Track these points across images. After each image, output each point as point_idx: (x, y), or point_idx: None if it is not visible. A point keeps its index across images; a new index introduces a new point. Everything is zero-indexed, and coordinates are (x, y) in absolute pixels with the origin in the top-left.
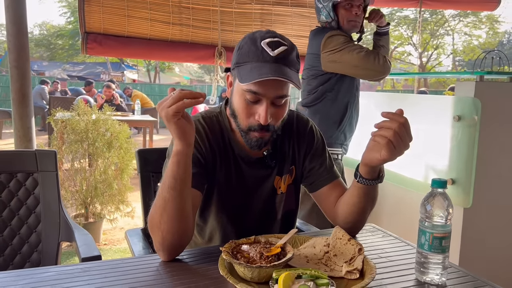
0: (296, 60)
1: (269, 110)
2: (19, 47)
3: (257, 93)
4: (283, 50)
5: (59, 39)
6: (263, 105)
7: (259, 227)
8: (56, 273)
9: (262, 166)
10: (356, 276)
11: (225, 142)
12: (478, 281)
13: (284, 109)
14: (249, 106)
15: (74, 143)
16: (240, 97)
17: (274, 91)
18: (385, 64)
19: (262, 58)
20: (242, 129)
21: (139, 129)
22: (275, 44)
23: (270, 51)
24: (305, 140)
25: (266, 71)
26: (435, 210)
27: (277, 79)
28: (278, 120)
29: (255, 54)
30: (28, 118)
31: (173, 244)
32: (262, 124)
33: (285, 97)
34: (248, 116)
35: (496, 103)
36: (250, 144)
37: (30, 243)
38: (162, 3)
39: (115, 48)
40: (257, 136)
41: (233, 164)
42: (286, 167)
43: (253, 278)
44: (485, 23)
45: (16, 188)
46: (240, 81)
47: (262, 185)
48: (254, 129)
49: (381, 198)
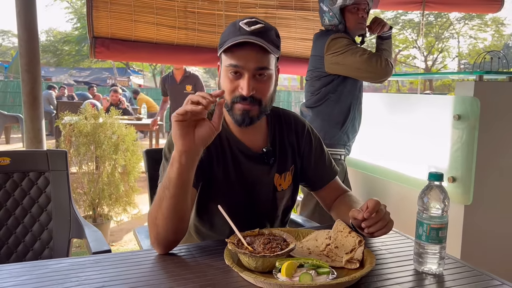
0: (276, 38)
1: (251, 82)
2: (30, 51)
3: (237, 66)
4: (260, 27)
5: (65, 45)
6: (244, 78)
7: (259, 223)
8: (69, 264)
9: (261, 162)
10: (356, 266)
11: (221, 137)
12: (474, 271)
13: (268, 83)
14: (232, 82)
15: (82, 145)
16: (224, 76)
17: (253, 62)
18: (386, 67)
19: (239, 33)
20: (227, 105)
21: (145, 133)
22: (252, 23)
23: (246, 27)
24: (304, 140)
25: (240, 39)
26: (432, 202)
27: (256, 51)
28: (263, 94)
29: (233, 32)
30: (39, 120)
31: (167, 239)
32: (244, 95)
33: (266, 70)
34: (233, 91)
35: (495, 102)
36: (235, 118)
37: (42, 240)
38: (168, 8)
39: (122, 52)
40: (241, 109)
41: (231, 160)
42: (286, 165)
43: (257, 268)
44: (490, 25)
45: (28, 186)
46: (219, 55)
47: (261, 181)
48: (237, 101)
49: (384, 196)
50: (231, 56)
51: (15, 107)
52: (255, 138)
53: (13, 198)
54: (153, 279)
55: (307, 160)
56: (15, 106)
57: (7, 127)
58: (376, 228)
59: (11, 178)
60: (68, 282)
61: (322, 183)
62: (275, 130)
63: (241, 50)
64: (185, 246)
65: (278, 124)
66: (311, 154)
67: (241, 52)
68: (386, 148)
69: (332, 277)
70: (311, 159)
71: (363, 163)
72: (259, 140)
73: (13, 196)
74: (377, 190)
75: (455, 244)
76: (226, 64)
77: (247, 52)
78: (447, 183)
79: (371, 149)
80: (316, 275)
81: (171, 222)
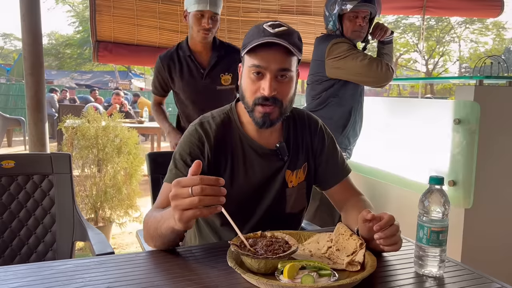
0: (298, 41)
1: (272, 83)
2: (34, 55)
3: (260, 66)
4: (283, 29)
5: (67, 48)
6: (266, 78)
7: (268, 220)
8: (73, 265)
9: (274, 158)
10: (357, 268)
11: (234, 136)
12: (474, 274)
13: (290, 85)
14: (254, 83)
15: (85, 148)
16: (246, 76)
17: (276, 63)
18: (387, 72)
19: (263, 34)
20: (249, 106)
21: (146, 136)
22: (276, 25)
23: (270, 29)
24: (317, 138)
25: (264, 39)
26: (432, 205)
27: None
28: (284, 96)
29: (257, 34)
30: (42, 123)
31: (164, 249)
32: (266, 96)
33: (288, 72)
34: (254, 92)
35: (495, 107)
36: (256, 120)
37: (46, 242)
38: (170, 12)
39: (125, 56)
40: (262, 111)
41: (242, 158)
42: (299, 162)
43: (260, 269)
44: (491, 30)
45: (32, 189)
46: (242, 56)
47: (274, 177)
48: (259, 103)
49: (385, 200)
50: (255, 57)
51: (17, 110)
52: (269, 137)
53: (17, 200)
54: (156, 280)
55: (319, 158)
56: (17, 109)
57: (9, 130)
58: (388, 242)
59: (15, 181)
60: (73, 283)
61: (334, 181)
62: (289, 128)
63: (265, 51)
64: (188, 248)
65: (292, 122)
66: (323, 151)
67: (264, 53)
68: (387, 151)
69: (333, 279)
70: (323, 156)
71: (364, 166)
72: (273, 138)
73: (17, 198)
74: (378, 193)
75: (456, 247)
76: (249, 64)
77: (271, 53)
78: (447, 186)
79: (372, 152)
80: (318, 277)
81: (168, 244)
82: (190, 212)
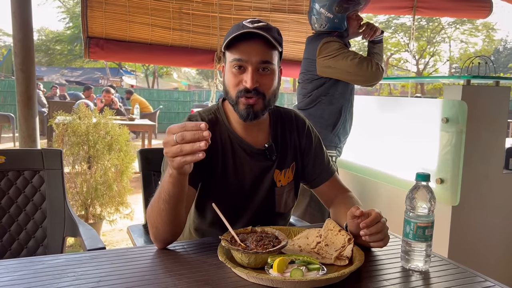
0: (278, 36)
1: (254, 75)
2: (24, 51)
3: (241, 60)
4: (262, 24)
5: (57, 44)
6: (248, 71)
7: (258, 219)
8: (65, 260)
9: (263, 158)
10: (345, 263)
11: (223, 135)
12: (459, 268)
13: (272, 78)
14: (236, 76)
15: (75, 145)
16: (228, 72)
17: (257, 56)
18: (377, 71)
19: (242, 29)
20: (233, 100)
21: (137, 133)
22: (255, 21)
23: (249, 24)
24: (305, 138)
25: (244, 31)
26: (419, 201)
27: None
28: (266, 88)
29: (237, 30)
30: (33, 119)
31: (166, 237)
32: (248, 87)
33: (270, 64)
34: (237, 84)
35: (482, 106)
36: (240, 113)
37: (36, 238)
38: (163, 9)
39: (116, 53)
40: (245, 103)
41: (231, 156)
42: (287, 162)
43: (250, 264)
44: (481, 30)
45: (23, 185)
46: (222, 49)
47: (263, 177)
48: (242, 95)
49: (375, 197)
50: (235, 51)
51: (6, 106)
52: (257, 135)
53: (8, 196)
54: (148, 275)
55: (307, 157)
56: (6, 105)
57: None
58: (373, 238)
59: (6, 177)
60: (65, 277)
61: (321, 180)
62: (277, 127)
63: (245, 45)
64: (180, 243)
65: (280, 122)
66: (311, 151)
67: (245, 46)
68: (376, 150)
69: (322, 273)
70: (311, 156)
71: (354, 164)
72: (261, 137)
73: (7, 194)
74: (367, 191)
75: (443, 243)
76: (230, 59)
77: (251, 45)
78: (435, 184)
79: (362, 151)
80: (307, 271)
81: (171, 225)
82: (177, 159)
